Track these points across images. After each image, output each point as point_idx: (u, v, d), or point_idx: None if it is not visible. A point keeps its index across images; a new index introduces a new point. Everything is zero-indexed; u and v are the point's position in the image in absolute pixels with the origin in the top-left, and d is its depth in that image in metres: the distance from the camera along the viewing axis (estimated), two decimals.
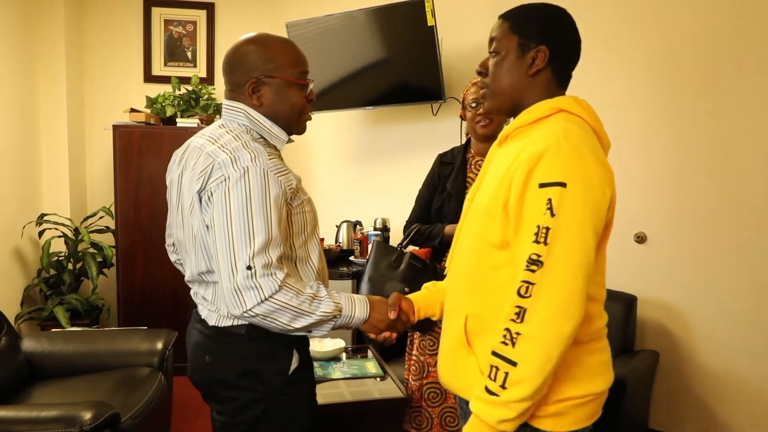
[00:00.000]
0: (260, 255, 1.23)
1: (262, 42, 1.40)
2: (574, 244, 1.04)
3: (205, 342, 1.42)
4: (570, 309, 1.04)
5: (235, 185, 1.24)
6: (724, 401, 2.48)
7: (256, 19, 4.42)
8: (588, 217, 1.05)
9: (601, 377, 1.18)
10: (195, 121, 3.88)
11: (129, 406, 2.28)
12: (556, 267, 1.04)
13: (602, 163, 1.10)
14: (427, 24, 3.09)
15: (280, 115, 1.40)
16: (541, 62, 1.18)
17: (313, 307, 1.28)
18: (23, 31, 3.69)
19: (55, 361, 2.66)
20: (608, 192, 1.09)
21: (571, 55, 1.22)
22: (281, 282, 1.24)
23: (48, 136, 3.93)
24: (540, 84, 1.20)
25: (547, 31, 1.19)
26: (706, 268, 2.51)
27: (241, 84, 1.38)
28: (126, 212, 3.76)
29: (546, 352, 1.03)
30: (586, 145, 1.09)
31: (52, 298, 3.66)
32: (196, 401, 3.43)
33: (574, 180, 1.04)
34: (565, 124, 1.11)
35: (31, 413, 1.89)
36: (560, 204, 1.04)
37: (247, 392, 1.37)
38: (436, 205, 2.22)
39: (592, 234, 1.06)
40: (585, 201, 1.05)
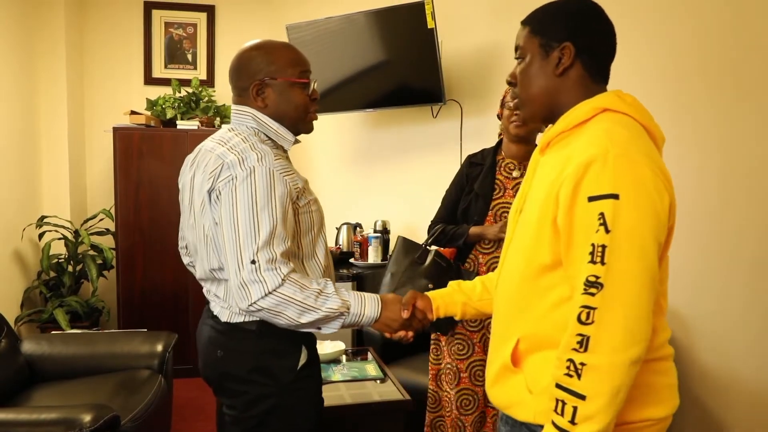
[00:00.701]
0: (264, 250, 1.27)
1: (263, 47, 1.47)
2: (635, 261, 0.95)
3: (218, 337, 1.46)
4: (637, 332, 0.95)
5: (241, 184, 1.30)
6: (724, 404, 2.48)
7: (256, 22, 4.43)
8: (647, 228, 0.96)
9: (664, 402, 1.08)
10: (195, 124, 3.89)
11: (129, 408, 2.28)
12: (618, 288, 0.95)
13: (656, 165, 1.01)
14: (427, 26, 3.10)
15: (285, 115, 1.45)
16: (567, 60, 1.10)
17: (319, 302, 1.30)
18: (24, 33, 3.70)
19: (55, 363, 2.66)
20: (666, 197, 1.00)
21: (602, 47, 1.13)
22: (285, 276, 1.27)
23: (48, 138, 3.94)
24: (572, 83, 1.11)
25: (569, 26, 1.11)
26: (707, 271, 2.51)
27: (246, 88, 1.45)
28: (126, 214, 3.76)
29: (615, 382, 0.94)
30: (636, 148, 0.99)
31: (52, 301, 3.66)
32: (196, 403, 3.44)
33: (627, 189, 0.95)
34: (611, 126, 1.03)
35: (30, 416, 1.89)
36: (615, 218, 0.95)
37: (258, 387, 1.41)
38: (463, 206, 2.21)
39: (654, 246, 0.97)
40: (642, 211, 0.96)
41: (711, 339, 2.51)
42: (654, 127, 1.09)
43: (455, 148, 3.37)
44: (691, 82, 2.54)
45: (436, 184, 3.52)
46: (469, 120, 3.32)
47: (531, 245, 1.09)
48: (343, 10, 3.50)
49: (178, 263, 3.80)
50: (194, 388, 3.66)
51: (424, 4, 3.07)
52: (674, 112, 2.58)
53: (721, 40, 2.43)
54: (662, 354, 1.10)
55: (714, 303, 2.49)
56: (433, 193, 3.49)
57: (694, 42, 2.51)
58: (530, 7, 1.28)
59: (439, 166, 3.49)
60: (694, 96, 2.52)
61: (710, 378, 2.52)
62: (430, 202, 3.60)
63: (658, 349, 1.09)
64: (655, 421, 1.06)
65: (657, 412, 1.06)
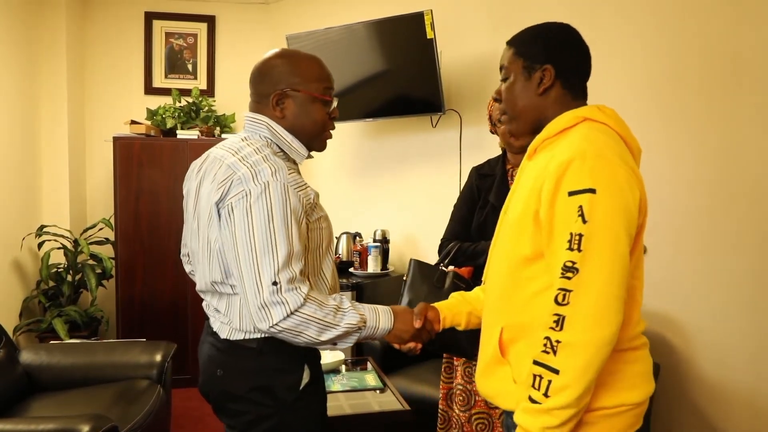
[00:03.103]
0: (284, 270, 1.24)
1: (290, 56, 1.43)
2: (607, 249, 1.05)
3: (217, 355, 1.42)
4: (608, 314, 1.04)
5: (256, 201, 1.26)
6: (724, 413, 2.47)
7: (256, 32, 4.45)
8: (619, 221, 1.06)
9: (638, 388, 1.16)
10: (195, 133, 3.90)
11: (127, 418, 2.27)
12: (591, 272, 1.05)
13: (629, 167, 1.11)
14: (427, 37, 3.11)
15: (302, 129, 1.43)
16: (548, 81, 1.21)
17: (337, 318, 1.29)
18: (25, 42, 3.71)
19: (54, 373, 2.66)
20: (637, 193, 1.10)
21: (579, 69, 1.24)
22: (306, 295, 1.26)
23: (48, 148, 3.95)
24: (552, 100, 1.22)
25: (550, 50, 1.22)
26: (707, 280, 2.51)
27: (266, 95, 1.40)
28: (126, 224, 3.76)
29: (586, 358, 1.04)
30: (612, 151, 1.10)
31: (51, 310, 3.65)
32: (195, 413, 3.42)
33: (603, 185, 1.06)
34: (589, 132, 1.13)
35: (29, 426, 1.89)
36: (591, 210, 1.05)
37: (258, 407, 1.37)
38: (479, 220, 2.11)
39: (625, 237, 1.07)
40: (615, 205, 1.06)
41: (712, 351, 2.51)
42: (630, 138, 1.19)
43: (455, 158, 3.37)
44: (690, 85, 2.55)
45: (435, 194, 3.53)
46: (469, 129, 3.34)
47: (514, 239, 1.20)
48: (343, 21, 3.52)
49: (178, 273, 3.82)
50: (193, 398, 3.64)
51: (424, 15, 3.09)
52: (671, 116, 2.59)
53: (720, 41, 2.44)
54: (636, 344, 1.18)
55: (714, 311, 2.49)
56: (433, 202, 3.50)
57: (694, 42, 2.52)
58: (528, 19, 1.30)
59: (438, 175, 3.49)
60: (691, 99, 2.53)
61: (710, 386, 2.52)
62: (429, 211, 3.61)
63: (632, 339, 1.17)
64: (631, 406, 1.14)
65: (632, 397, 1.14)
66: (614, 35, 2.74)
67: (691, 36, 2.52)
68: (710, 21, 2.46)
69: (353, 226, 3.80)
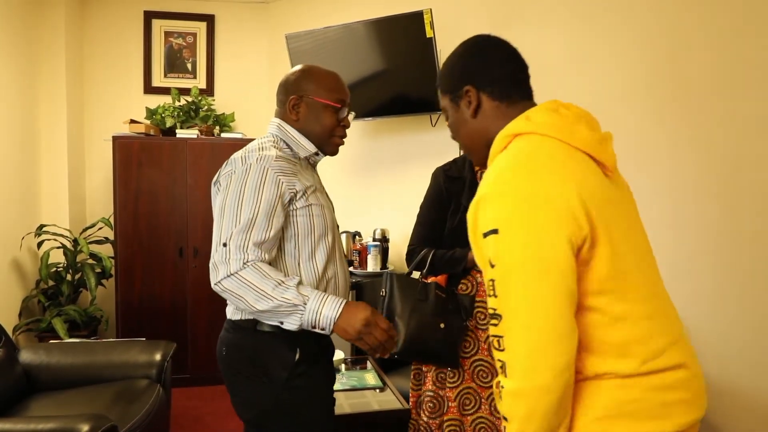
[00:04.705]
0: (238, 235, 1.39)
1: (309, 69, 1.63)
2: (520, 291, 0.97)
3: (224, 335, 1.57)
4: (541, 358, 0.95)
5: (237, 178, 1.44)
6: (720, 408, 2.47)
7: (255, 31, 4.45)
8: (529, 255, 0.96)
9: (663, 419, 1.01)
10: (194, 132, 3.89)
11: (127, 418, 2.27)
12: (512, 318, 0.98)
13: (559, 175, 1.01)
14: (426, 36, 3.11)
15: (312, 132, 1.59)
16: (474, 99, 1.18)
17: (276, 291, 1.36)
18: (24, 42, 3.71)
19: (53, 372, 2.65)
20: (563, 202, 0.98)
21: (501, 74, 1.18)
22: (248, 261, 1.37)
23: (48, 147, 3.94)
24: (489, 118, 1.18)
25: (463, 71, 1.21)
26: (706, 284, 2.51)
27: (284, 101, 1.60)
28: (125, 223, 3.76)
29: (527, 406, 0.97)
30: (526, 172, 1.01)
31: (51, 310, 3.64)
32: (194, 413, 3.42)
33: (504, 223, 0.99)
34: (506, 158, 1.07)
35: (28, 426, 1.88)
36: (496, 252, 0.99)
37: (254, 383, 1.49)
38: (451, 225, 1.98)
39: (540, 270, 0.96)
40: (521, 241, 0.97)
41: (705, 344, 2.51)
42: (572, 136, 1.08)
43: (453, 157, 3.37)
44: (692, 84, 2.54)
45: None
46: None
47: None
48: (342, 20, 3.52)
49: (177, 272, 3.83)
50: (192, 398, 3.64)
51: (423, 14, 3.08)
52: (671, 116, 2.58)
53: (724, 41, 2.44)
54: (651, 368, 1.02)
55: (707, 308, 2.49)
56: None
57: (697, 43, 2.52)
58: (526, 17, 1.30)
59: None
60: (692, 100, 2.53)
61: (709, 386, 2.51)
62: None
63: (643, 362, 1.01)
64: None
65: (655, 428, 1.01)
66: (614, 35, 2.74)
67: (692, 36, 2.52)
68: (713, 21, 2.46)
69: (353, 225, 3.80)
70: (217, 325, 3.99)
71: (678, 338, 1.09)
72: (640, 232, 1.16)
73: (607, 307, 1.01)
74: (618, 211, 1.08)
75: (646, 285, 1.08)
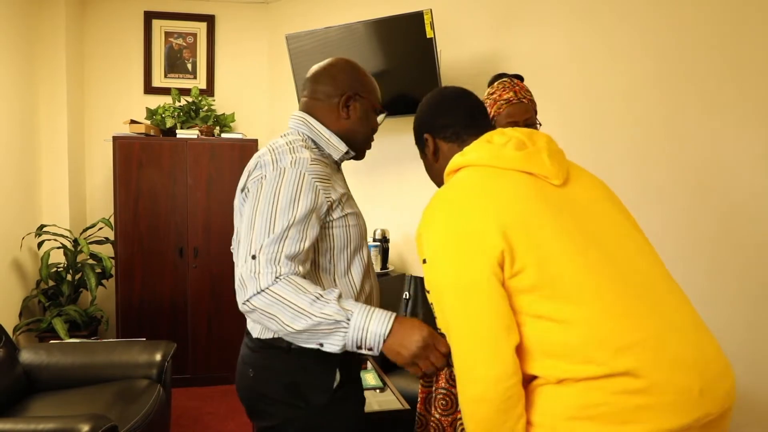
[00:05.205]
0: (269, 247, 1.21)
1: (356, 67, 1.51)
2: (450, 311, 1.09)
3: (249, 355, 1.39)
4: (471, 372, 1.06)
5: (269, 183, 1.28)
6: None
7: (256, 32, 4.45)
8: (452, 286, 1.09)
9: (633, 423, 0.98)
10: (195, 133, 3.90)
11: (127, 418, 2.27)
12: (451, 335, 1.10)
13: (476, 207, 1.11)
14: (426, 36, 3.11)
15: (358, 133, 1.48)
16: (431, 145, 1.36)
17: (315, 307, 1.17)
18: (24, 42, 3.71)
19: (53, 373, 2.65)
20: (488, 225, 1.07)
21: (451, 120, 1.34)
22: (280, 275, 1.19)
23: (48, 147, 3.94)
24: (447, 158, 1.33)
25: (420, 123, 1.39)
26: (704, 284, 2.51)
27: (331, 95, 1.44)
28: (125, 223, 3.76)
29: (474, 414, 1.07)
30: (450, 206, 1.15)
31: (51, 310, 3.64)
32: (195, 413, 3.42)
33: (434, 253, 1.12)
34: (437, 196, 1.20)
35: (28, 426, 1.88)
36: (428, 280, 1.14)
37: (288, 408, 1.33)
38: None
39: (462, 292, 1.08)
40: (445, 271, 1.10)
41: None
42: (499, 160, 1.19)
43: None
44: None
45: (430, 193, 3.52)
46: None
47: None
48: (343, 20, 3.52)
49: (177, 272, 3.83)
50: (193, 398, 3.65)
51: (423, 14, 3.09)
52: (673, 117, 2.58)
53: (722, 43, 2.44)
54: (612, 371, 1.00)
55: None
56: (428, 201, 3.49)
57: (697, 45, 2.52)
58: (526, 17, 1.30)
59: None
60: (693, 101, 2.53)
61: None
62: None
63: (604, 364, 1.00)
64: None
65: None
66: (614, 35, 2.74)
67: (692, 36, 2.52)
68: (714, 19, 2.46)
69: None
70: (216, 326, 4.00)
71: (648, 338, 1.02)
72: (607, 231, 1.14)
73: (553, 313, 1.04)
74: (561, 216, 1.12)
75: (604, 285, 1.06)
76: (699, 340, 1.07)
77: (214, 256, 3.88)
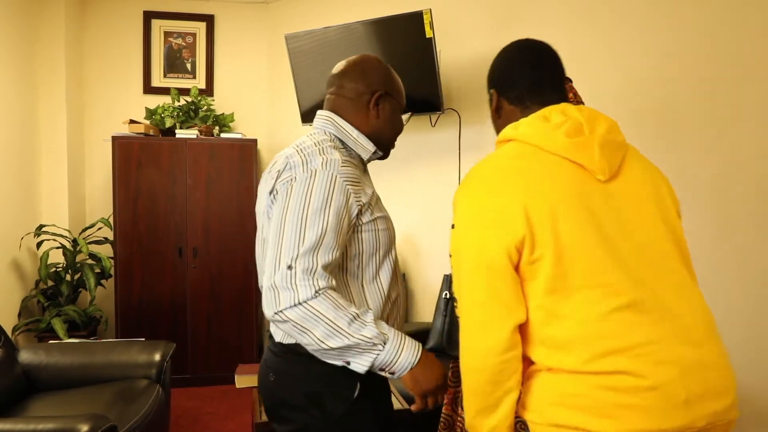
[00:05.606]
0: (305, 257, 1.18)
1: (385, 65, 1.48)
2: (464, 279, 1.13)
3: (272, 359, 1.37)
4: (472, 341, 1.12)
5: (299, 186, 1.24)
6: None
7: (255, 31, 4.45)
8: (472, 252, 1.12)
9: (610, 418, 1.02)
10: (194, 133, 3.89)
11: (126, 418, 2.27)
12: (459, 301, 1.14)
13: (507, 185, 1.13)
14: (426, 36, 3.11)
15: (386, 132, 1.46)
16: (494, 101, 1.33)
17: (352, 328, 1.18)
18: (24, 42, 3.71)
19: (53, 373, 2.65)
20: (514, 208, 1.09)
21: (518, 81, 1.29)
22: (320, 289, 1.17)
23: (47, 147, 3.94)
24: (507, 119, 1.29)
25: (490, 76, 1.36)
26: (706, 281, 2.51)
27: (361, 93, 1.41)
28: (125, 223, 3.76)
29: (468, 381, 1.15)
30: (483, 178, 1.17)
31: (50, 310, 3.64)
32: (194, 413, 3.42)
33: (460, 220, 1.16)
34: (478, 166, 1.21)
35: (27, 426, 1.88)
36: (451, 245, 1.17)
37: (305, 415, 1.31)
38: None
39: (476, 263, 1.11)
40: (466, 238, 1.13)
41: None
42: (547, 143, 1.16)
43: (454, 157, 3.37)
44: None
45: (434, 193, 3.53)
46: (468, 129, 3.33)
47: None
48: (342, 20, 3.52)
49: (177, 272, 3.83)
50: (192, 398, 3.64)
51: (423, 14, 3.08)
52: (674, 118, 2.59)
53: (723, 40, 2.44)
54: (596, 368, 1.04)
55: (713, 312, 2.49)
56: (432, 202, 3.50)
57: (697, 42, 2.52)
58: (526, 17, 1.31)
59: (437, 175, 3.49)
60: (694, 102, 2.53)
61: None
62: (428, 210, 3.61)
63: (588, 362, 1.04)
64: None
65: (601, 427, 1.02)
66: (614, 35, 2.74)
67: (691, 36, 2.52)
68: (713, 19, 2.46)
69: None
70: (216, 326, 4.00)
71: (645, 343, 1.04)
72: (634, 234, 1.14)
73: (552, 306, 1.08)
74: (591, 214, 1.11)
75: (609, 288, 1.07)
76: (703, 356, 1.08)
77: (213, 255, 3.88)
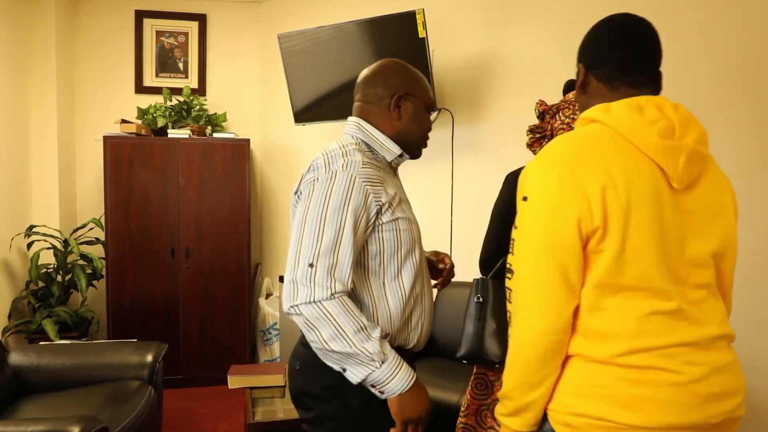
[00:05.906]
0: (325, 257, 1.26)
1: (405, 66, 1.50)
2: (531, 253, 1.11)
3: (300, 350, 1.45)
4: (531, 316, 1.10)
5: (320, 186, 1.31)
6: None
7: (247, 31, 4.44)
8: (542, 226, 1.09)
9: (638, 411, 1.05)
10: (186, 132, 3.88)
11: (118, 420, 2.26)
12: (518, 276, 1.13)
13: (591, 166, 1.08)
14: (419, 36, 3.11)
15: (411, 133, 1.49)
16: (582, 76, 1.26)
17: (357, 337, 1.25)
18: (14, 41, 3.68)
19: (44, 374, 2.64)
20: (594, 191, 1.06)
21: (609, 58, 1.23)
22: (335, 292, 1.25)
23: (38, 147, 3.91)
24: (592, 96, 1.24)
25: (582, 49, 1.29)
26: None
27: (382, 97, 1.46)
28: (116, 223, 3.74)
29: (518, 354, 1.12)
30: (568, 154, 1.12)
31: (41, 311, 3.62)
32: (186, 414, 3.41)
33: (533, 193, 1.12)
34: (562, 139, 1.16)
35: (18, 428, 1.87)
36: (521, 217, 1.13)
37: (324, 405, 1.38)
38: None
39: (548, 241, 1.08)
40: (540, 212, 1.10)
41: None
42: (637, 139, 1.12)
43: (447, 157, 3.37)
44: None
45: (428, 192, 3.53)
46: (461, 129, 3.34)
47: None
48: (335, 20, 3.51)
49: (169, 273, 3.81)
50: (185, 399, 3.63)
51: (416, 14, 3.09)
52: None
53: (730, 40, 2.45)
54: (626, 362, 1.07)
55: None
56: (426, 201, 3.50)
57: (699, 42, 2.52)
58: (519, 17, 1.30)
59: (430, 174, 3.49)
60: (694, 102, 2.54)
61: None
62: (422, 209, 3.60)
63: (621, 355, 1.07)
64: (621, 426, 1.05)
65: (624, 417, 1.05)
66: None
67: (689, 36, 2.53)
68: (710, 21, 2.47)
69: None
70: (209, 326, 3.98)
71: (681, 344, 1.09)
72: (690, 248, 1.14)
73: (596, 298, 1.09)
74: (659, 221, 1.09)
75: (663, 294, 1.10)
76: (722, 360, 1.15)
77: (206, 256, 3.86)
